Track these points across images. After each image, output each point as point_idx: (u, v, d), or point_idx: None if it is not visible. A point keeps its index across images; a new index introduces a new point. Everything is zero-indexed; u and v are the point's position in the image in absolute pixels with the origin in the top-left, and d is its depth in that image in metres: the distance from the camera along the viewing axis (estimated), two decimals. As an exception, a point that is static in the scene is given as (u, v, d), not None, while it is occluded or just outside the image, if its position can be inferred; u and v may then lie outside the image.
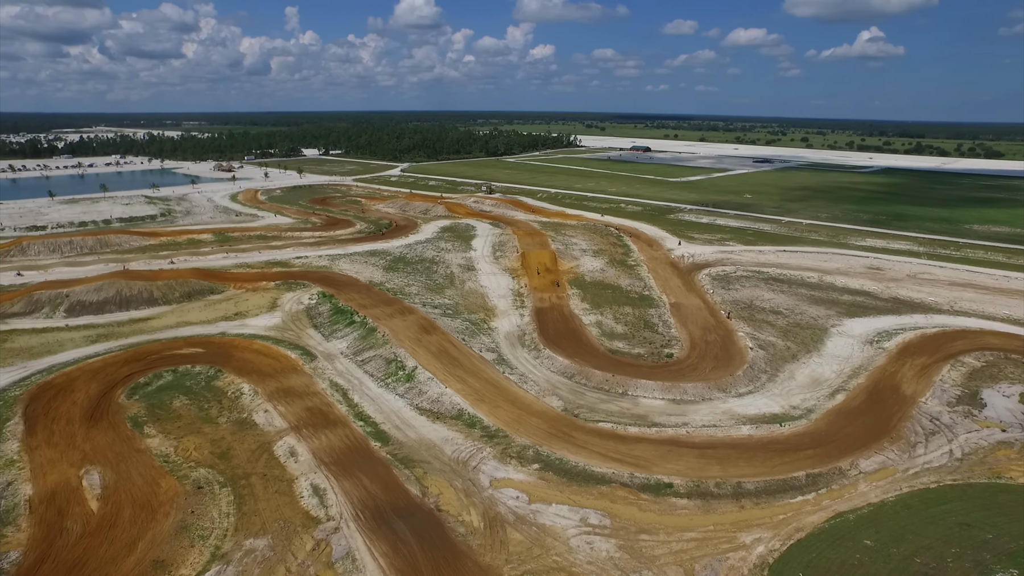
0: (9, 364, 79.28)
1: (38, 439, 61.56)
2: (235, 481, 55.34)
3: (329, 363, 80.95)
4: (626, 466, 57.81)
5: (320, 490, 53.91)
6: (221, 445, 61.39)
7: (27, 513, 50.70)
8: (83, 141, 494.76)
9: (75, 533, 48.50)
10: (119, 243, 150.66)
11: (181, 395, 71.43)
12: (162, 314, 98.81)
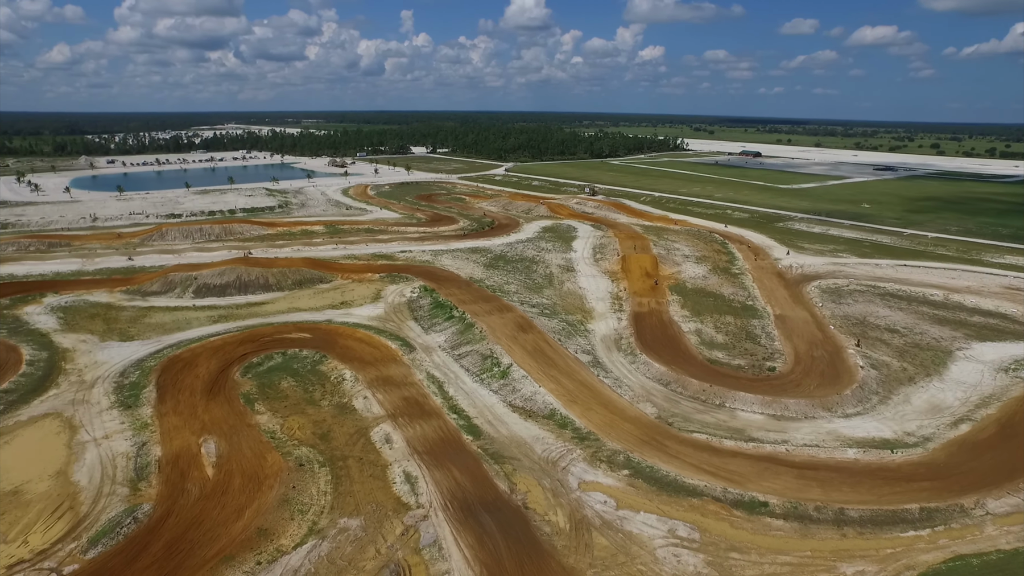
0: (147, 337, 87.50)
1: (167, 407, 67.63)
2: (333, 462, 58.36)
3: (427, 355, 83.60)
4: (720, 480, 56.13)
5: (412, 478, 55.87)
6: (322, 427, 64.91)
7: (156, 472, 55.89)
8: (216, 137, 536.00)
9: (194, 495, 52.92)
10: (241, 231, 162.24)
11: (289, 377, 76.08)
12: (275, 299, 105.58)
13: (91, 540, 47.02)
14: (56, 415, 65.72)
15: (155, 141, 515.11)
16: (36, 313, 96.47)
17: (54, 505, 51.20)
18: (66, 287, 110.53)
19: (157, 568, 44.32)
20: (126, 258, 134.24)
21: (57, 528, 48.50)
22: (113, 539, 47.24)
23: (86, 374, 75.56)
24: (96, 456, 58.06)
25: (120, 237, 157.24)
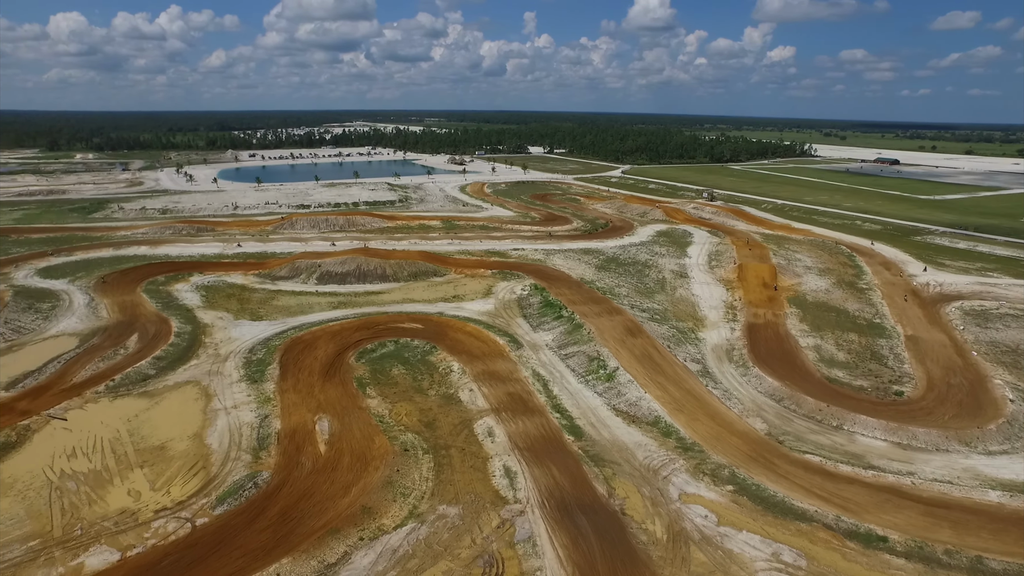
0: (273, 318, 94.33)
1: (288, 384, 72.59)
2: (437, 450, 60.28)
3: (534, 353, 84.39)
4: (833, 507, 52.71)
5: (511, 472, 56.65)
6: (428, 415, 67.18)
7: (275, 443, 60.18)
8: (344, 134, 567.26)
9: (307, 468, 56.50)
10: (363, 223, 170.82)
11: (400, 364, 79.32)
12: (391, 290, 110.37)
13: (219, 498, 51.46)
14: (195, 383, 72.37)
15: (291, 137, 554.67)
16: (184, 290, 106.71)
17: (191, 463, 56.46)
18: (209, 268, 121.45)
19: (272, 531, 47.76)
20: (260, 244, 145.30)
21: (192, 484, 53.47)
22: (236, 500, 51.42)
23: (221, 348, 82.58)
24: (226, 423, 63.36)
25: (256, 225, 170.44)
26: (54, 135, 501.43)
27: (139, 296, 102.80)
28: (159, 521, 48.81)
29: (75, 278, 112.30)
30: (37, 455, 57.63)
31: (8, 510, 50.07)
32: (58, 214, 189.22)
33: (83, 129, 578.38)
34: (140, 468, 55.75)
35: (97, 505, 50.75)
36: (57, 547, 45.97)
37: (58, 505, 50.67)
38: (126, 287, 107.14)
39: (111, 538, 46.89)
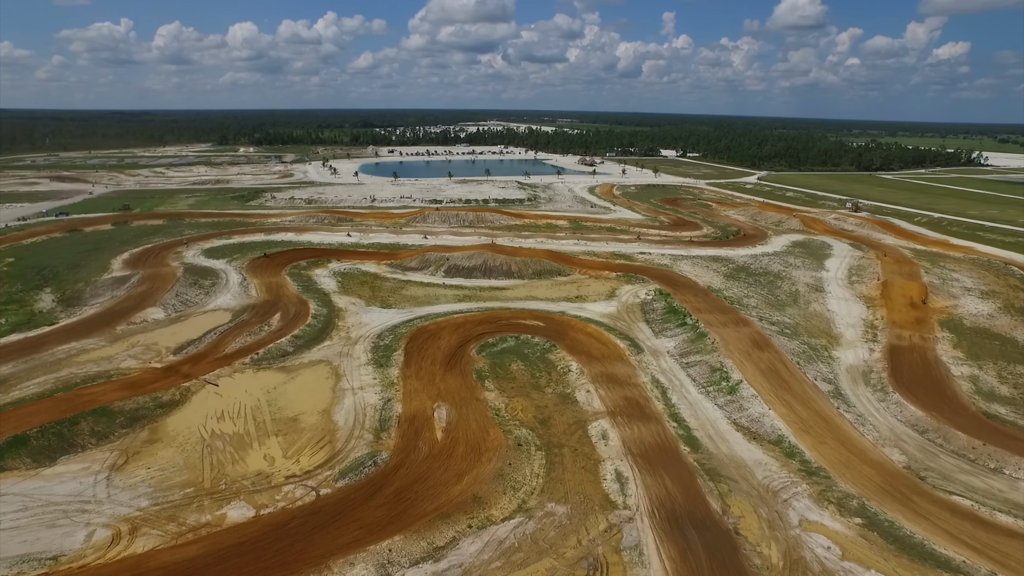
0: (402, 307, 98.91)
1: (411, 370, 75.82)
2: (549, 448, 60.53)
3: (654, 359, 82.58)
4: (986, 560, 47.10)
5: (623, 477, 55.79)
6: (544, 412, 67.60)
7: (396, 426, 63.10)
8: (478, 133, 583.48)
9: (423, 452, 58.75)
10: (492, 220, 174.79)
11: (519, 360, 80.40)
12: (515, 286, 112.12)
13: (341, 472, 54.76)
14: (327, 363, 77.41)
15: (427, 134, 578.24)
16: (322, 275, 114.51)
17: (319, 436, 60.52)
18: (346, 256, 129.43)
19: (387, 509, 50.13)
20: (393, 235, 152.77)
21: (319, 456, 57.31)
22: (357, 475, 54.46)
23: (352, 332, 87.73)
24: (352, 403, 67.25)
25: (391, 217, 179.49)
26: (223, 131, 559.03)
27: (283, 278, 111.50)
28: (288, 486, 52.77)
29: (232, 259, 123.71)
30: (194, 414, 64.26)
31: (171, 459, 56.35)
32: (222, 201, 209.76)
33: (247, 125, 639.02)
34: (275, 436, 60.54)
35: (239, 465, 55.72)
36: (206, 496, 51.05)
37: (208, 460, 56.21)
38: (273, 269, 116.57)
39: (248, 495, 51.32)
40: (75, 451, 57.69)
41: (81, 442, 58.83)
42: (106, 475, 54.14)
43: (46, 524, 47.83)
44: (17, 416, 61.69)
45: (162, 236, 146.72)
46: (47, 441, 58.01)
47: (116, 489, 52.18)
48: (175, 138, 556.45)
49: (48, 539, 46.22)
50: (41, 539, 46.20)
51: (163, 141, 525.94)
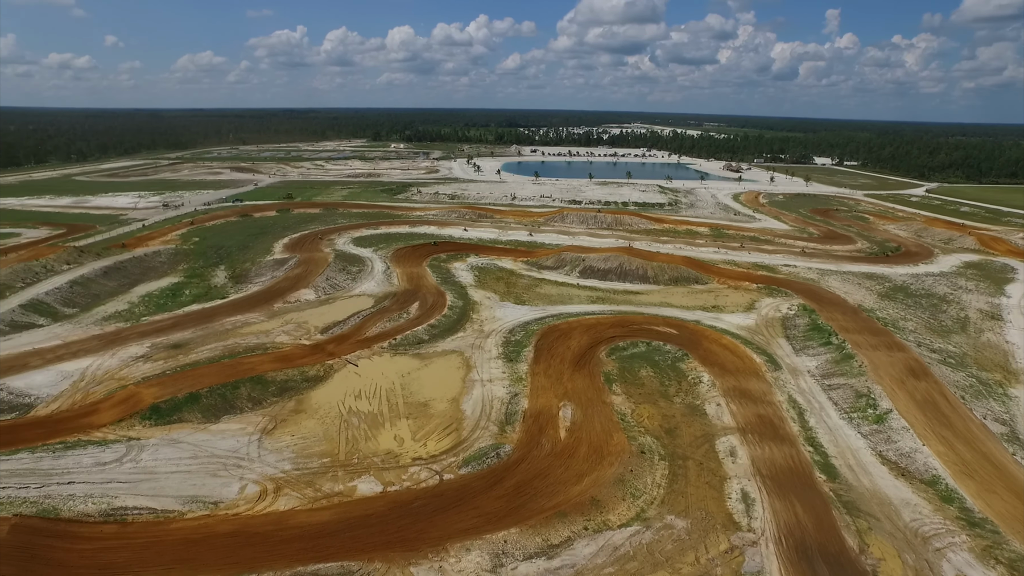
0: (535, 304, 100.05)
1: (539, 367, 76.43)
2: (673, 458, 58.58)
3: (792, 378, 77.48)
4: None
5: (749, 498, 52.80)
6: (670, 422, 65.54)
7: (520, 421, 63.93)
8: (621, 135, 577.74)
9: (545, 449, 59.01)
10: (630, 223, 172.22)
11: (648, 366, 78.53)
12: (650, 291, 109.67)
13: (465, 460, 56.33)
14: (459, 353, 79.95)
15: (570, 135, 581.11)
16: (461, 269, 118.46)
17: (446, 423, 62.68)
18: (484, 251, 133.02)
19: (505, 501, 50.89)
20: (530, 234, 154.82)
21: (445, 442, 59.35)
22: (479, 465, 55.77)
23: (485, 325, 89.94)
24: (480, 394, 68.94)
25: (530, 215, 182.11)
26: (378, 128, 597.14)
27: (424, 269, 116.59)
28: (415, 468, 55.08)
29: (378, 248, 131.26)
30: (335, 390, 68.95)
31: (312, 430, 60.90)
32: (373, 193, 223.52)
33: (399, 123, 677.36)
34: (406, 419, 63.42)
35: (371, 442, 58.99)
36: (340, 468, 54.62)
37: (344, 435, 60.05)
38: (415, 260, 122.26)
39: (377, 472, 54.20)
40: (235, 412, 63.90)
41: (240, 405, 65.04)
42: (258, 437, 59.45)
43: (210, 473, 53.43)
44: (193, 376, 69.50)
45: (318, 224, 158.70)
46: (214, 400, 64.74)
47: (265, 451, 57.14)
48: (335, 134, 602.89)
49: (211, 486, 51.62)
50: (206, 485, 51.72)
51: (324, 136, 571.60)
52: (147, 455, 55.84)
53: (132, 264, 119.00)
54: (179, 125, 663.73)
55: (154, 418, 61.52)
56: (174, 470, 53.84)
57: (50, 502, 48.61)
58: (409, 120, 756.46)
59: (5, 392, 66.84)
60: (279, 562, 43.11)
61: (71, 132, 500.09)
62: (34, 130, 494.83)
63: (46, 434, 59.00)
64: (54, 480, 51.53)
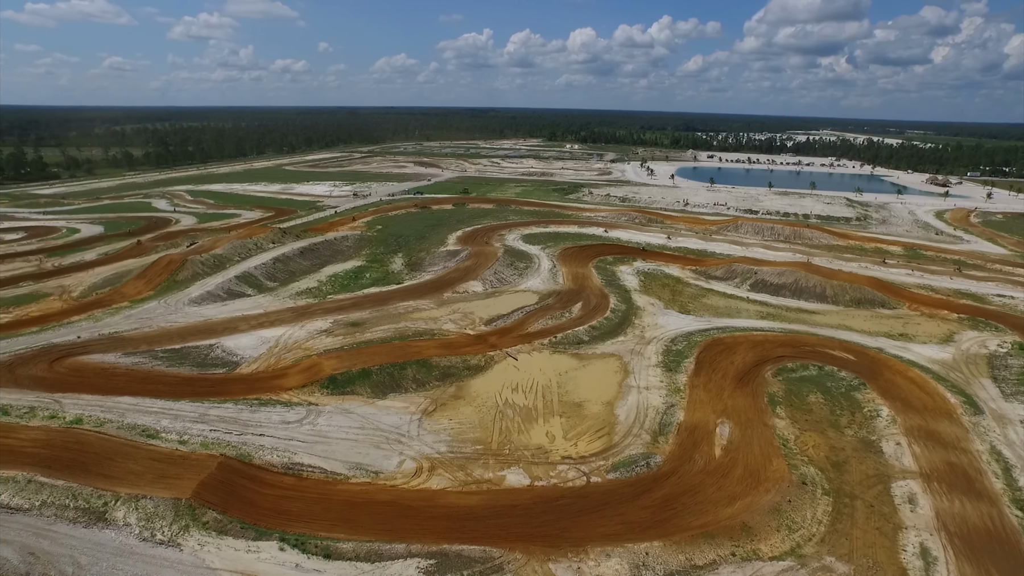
0: (700, 315, 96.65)
1: (699, 380, 73.75)
2: (839, 495, 53.73)
3: (998, 426, 67.71)
4: None
5: (930, 556, 47.04)
6: (839, 455, 60.20)
7: (674, 433, 62.15)
8: (807, 142, 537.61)
9: (698, 465, 56.87)
10: (810, 237, 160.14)
11: (819, 392, 72.73)
12: (827, 312, 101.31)
13: (614, 465, 55.96)
14: (618, 357, 79.42)
15: (751, 141, 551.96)
16: (626, 273, 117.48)
17: (599, 426, 62.66)
18: (651, 257, 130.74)
19: (651, 512, 49.84)
20: (701, 241, 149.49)
21: (595, 444, 59.37)
22: (628, 472, 55.09)
23: (647, 332, 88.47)
24: (635, 401, 68.02)
25: (700, 222, 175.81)
26: (553, 128, 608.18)
27: (589, 270, 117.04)
28: (563, 466, 55.70)
29: (546, 246, 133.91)
30: (493, 381, 71.63)
31: (469, 416, 63.89)
32: (544, 192, 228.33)
33: (575, 124, 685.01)
34: (559, 417, 64.28)
35: (523, 435, 60.58)
36: (491, 456, 56.71)
37: (498, 425, 62.25)
38: (581, 261, 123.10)
39: (527, 465, 55.54)
40: (400, 391, 68.72)
41: (405, 385, 69.81)
42: (419, 417, 63.48)
43: (374, 444, 58.06)
44: (367, 353, 75.80)
45: (490, 219, 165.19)
46: (383, 378, 70.13)
47: (424, 431, 60.87)
48: (512, 133, 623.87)
49: (374, 456, 56.09)
50: (369, 455, 56.28)
51: (502, 135, 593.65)
52: (323, 420, 61.88)
53: (324, 246, 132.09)
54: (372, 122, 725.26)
55: (331, 388, 67.96)
56: (343, 437, 59.13)
57: (246, 448, 55.61)
58: (585, 121, 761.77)
59: (220, 350, 77.52)
60: (427, 537, 45.80)
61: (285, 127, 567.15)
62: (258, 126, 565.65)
63: (246, 390, 67.63)
64: (250, 431, 58.84)
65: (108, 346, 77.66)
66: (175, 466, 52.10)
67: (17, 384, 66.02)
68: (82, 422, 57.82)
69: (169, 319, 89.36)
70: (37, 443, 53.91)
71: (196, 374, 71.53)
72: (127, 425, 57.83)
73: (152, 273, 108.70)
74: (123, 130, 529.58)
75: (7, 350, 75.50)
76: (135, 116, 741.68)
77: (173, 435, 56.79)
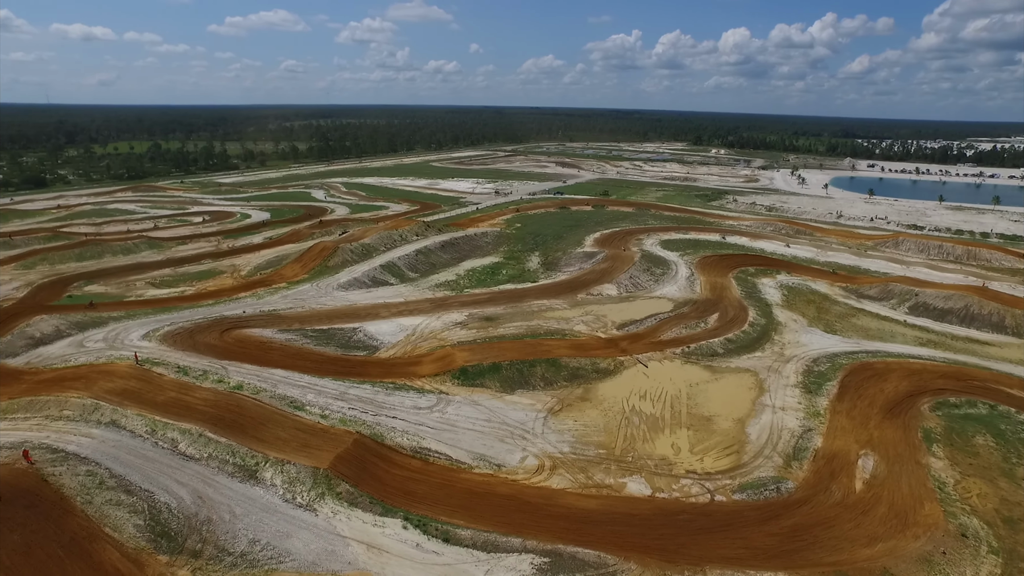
0: (847, 336, 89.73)
1: (842, 406, 68.44)
2: (1011, 557, 47.29)
3: None
4: None
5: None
6: (1013, 511, 53.18)
7: (810, 459, 58.22)
8: (993, 151, 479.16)
9: (834, 497, 52.84)
10: (988, 259, 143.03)
11: (988, 434, 64.89)
12: (1005, 344, 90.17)
13: (741, 485, 53.47)
14: (753, 373, 75.68)
15: (920, 149, 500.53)
16: (768, 285, 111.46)
17: (728, 443, 60.14)
18: (796, 270, 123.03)
19: (778, 540, 47.05)
20: (854, 257, 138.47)
21: (723, 462, 57.05)
22: (756, 495, 52.41)
23: (787, 349, 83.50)
24: (768, 420, 64.49)
25: (855, 237, 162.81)
26: (699, 132, 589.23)
27: (728, 281, 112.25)
28: (687, 480, 54.06)
29: (684, 253, 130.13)
30: (621, 387, 70.90)
31: (594, 419, 63.81)
32: (686, 198, 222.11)
33: (722, 128, 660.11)
34: (686, 429, 62.42)
35: (648, 444, 59.49)
36: (614, 462, 56.27)
37: (623, 431, 61.58)
38: (720, 270, 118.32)
39: (649, 475, 54.51)
40: (528, 388, 69.87)
41: (533, 383, 70.87)
42: (544, 415, 64.23)
43: (499, 437, 59.57)
44: (498, 348, 77.89)
45: (628, 223, 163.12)
46: (512, 374, 71.66)
47: (549, 429, 61.51)
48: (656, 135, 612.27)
49: (498, 449, 57.58)
50: (494, 447, 57.87)
51: (645, 138, 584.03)
52: (452, 409, 64.33)
53: (463, 241, 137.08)
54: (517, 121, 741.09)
55: (461, 379, 70.45)
56: (470, 428, 61.13)
57: (379, 429, 59.13)
58: (733, 125, 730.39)
59: (362, 334, 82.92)
60: (544, 535, 46.26)
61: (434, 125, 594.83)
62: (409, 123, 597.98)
63: (383, 373, 71.85)
64: (384, 412, 62.47)
65: (267, 322, 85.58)
66: (316, 437, 56.51)
67: (195, 349, 74.56)
68: (242, 388, 64.20)
69: (319, 301, 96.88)
70: (207, 402, 60.65)
71: (340, 354, 77.03)
72: (278, 395, 63.43)
73: (307, 258, 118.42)
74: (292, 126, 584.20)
75: (189, 319, 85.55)
76: (302, 113, 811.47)
77: (316, 409, 61.55)
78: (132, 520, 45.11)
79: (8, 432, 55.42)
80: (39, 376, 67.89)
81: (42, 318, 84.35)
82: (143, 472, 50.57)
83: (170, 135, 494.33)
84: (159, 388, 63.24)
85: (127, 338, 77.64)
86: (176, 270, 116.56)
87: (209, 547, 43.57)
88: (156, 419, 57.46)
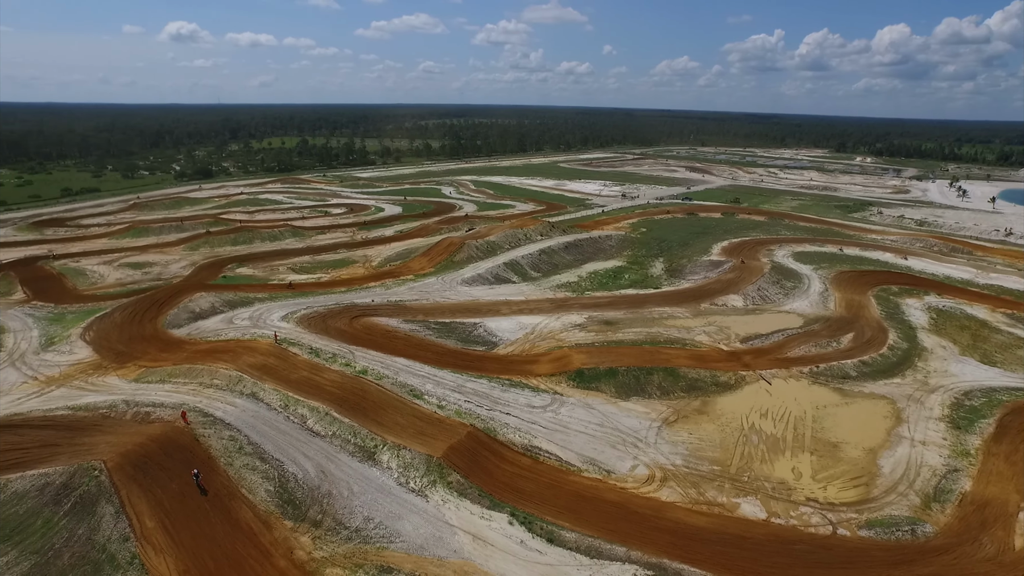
0: (1011, 369, 79.89)
1: (1000, 448, 61.08)
2: None
3: None
4: None
5: None
6: None
7: (955, 504, 52.57)
8: None
9: (985, 551, 47.33)
10: None
11: None
12: None
13: (869, 522, 49.34)
14: (890, 401, 69.54)
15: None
16: (913, 307, 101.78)
17: (856, 474, 55.74)
18: (949, 291, 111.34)
19: (915, 588, 42.98)
20: (1023, 281, 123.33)
21: (849, 493, 52.95)
22: (886, 534, 48.18)
23: (931, 379, 75.95)
24: (906, 454, 59.04)
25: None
26: (843, 138, 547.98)
27: (867, 299, 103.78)
28: (806, 508, 50.72)
29: (818, 267, 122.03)
30: (742, 402, 67.72)
31: (710, 434, 61.45)
32: (824, 208, 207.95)
33: (870, 134, 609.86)
34: (810, 453, 58.53)
35: (766, 465, 56.42)
36: (728, 480, 53.90)
37: (740, 449, 58.81)
38: (858, 288, 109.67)
39: (765, 498, 51.69)
40: (644, 396, 68.47)
41: (649, 391, 69.35)
42: (659, 425, 62.67)
43: (610, 443, 58.89)
44: (616, 353, 77.02)
45: (759, 232, 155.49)
46: (628, 380, 70.54)
47: (662, 440, 59.93)
48: (794, 142, 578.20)
49: (608, 455, 56.95)
50: (604, 452, 57.30)
51: (782, 144, 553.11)
52: (565, 411, 64.31)
53: (587, 243, 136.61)
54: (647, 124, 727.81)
55: (577, 381, 70.23)
56: (582, 431, 60.82)
57: (492, 424, 60.27)
58: (883, 131, 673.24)
59: (482, 329, 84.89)
60: (649, 547, 45.15)
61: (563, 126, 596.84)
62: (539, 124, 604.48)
63: (500, 369, 73.13)
64: (498, 408, 63.59)
65: (393, 312, 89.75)
66: (432, 426, 58.57)
67: (327, 333, 79.67)
68: (367, 373, 67.78)
69: (443, 295, 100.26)
70: (334, 384, 64.68)
71: (459, 348, 79.28)
72: (399, 383, 66.35)
73: (434, 252, 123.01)
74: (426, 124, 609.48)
75: (324, 304, 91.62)
76: (437, 113, 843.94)
77: (434, 399, 63.76)
78: (264, 485, 49.09)
79: (171, 394, 62.43)
80: (196, 347, 75.62)
81: (201, 295, 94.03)
82: (275, 442, 54.83)
83: (316, 131, 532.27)
84: (293, 367, 68.25)
85: (269, 318, 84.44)
86: (314, 258, 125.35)
87: (328, 519, 46.48)
88: (289, 395, 62.10)
